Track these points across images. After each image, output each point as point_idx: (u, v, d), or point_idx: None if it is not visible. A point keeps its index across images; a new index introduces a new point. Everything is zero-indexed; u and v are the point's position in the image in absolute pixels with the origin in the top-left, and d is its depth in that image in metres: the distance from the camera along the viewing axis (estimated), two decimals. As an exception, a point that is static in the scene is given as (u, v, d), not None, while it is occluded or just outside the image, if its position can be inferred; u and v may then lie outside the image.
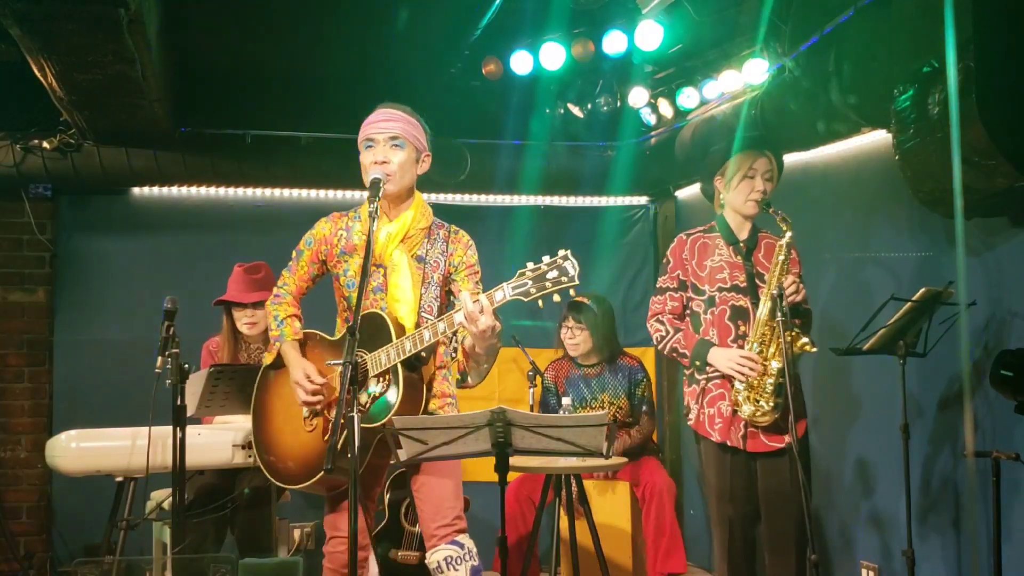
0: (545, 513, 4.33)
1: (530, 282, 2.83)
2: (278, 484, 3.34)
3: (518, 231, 6.06)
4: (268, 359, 3.36)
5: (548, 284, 2.82)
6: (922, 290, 3.74)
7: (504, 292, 2.87)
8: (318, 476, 3.10)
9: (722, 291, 3.72)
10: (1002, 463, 3.49)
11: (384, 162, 3.13)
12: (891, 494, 4.29)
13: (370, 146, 3.17)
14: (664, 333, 3.80)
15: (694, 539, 5.98)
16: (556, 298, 2.83)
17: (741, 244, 3.76)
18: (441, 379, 3.24)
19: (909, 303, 3.75)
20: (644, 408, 4.95)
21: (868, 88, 3.93)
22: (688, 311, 3.82)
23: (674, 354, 3.79)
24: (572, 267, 2.82)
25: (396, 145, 3.15)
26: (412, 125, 3.20)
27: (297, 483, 3.20)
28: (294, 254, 3.37)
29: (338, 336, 3.26)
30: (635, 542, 4.78)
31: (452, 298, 3.26)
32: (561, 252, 2.85)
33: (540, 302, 2.84)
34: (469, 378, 3.28)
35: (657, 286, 3.89)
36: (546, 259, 2.85)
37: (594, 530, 4.08)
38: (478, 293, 2.97)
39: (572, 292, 2.83)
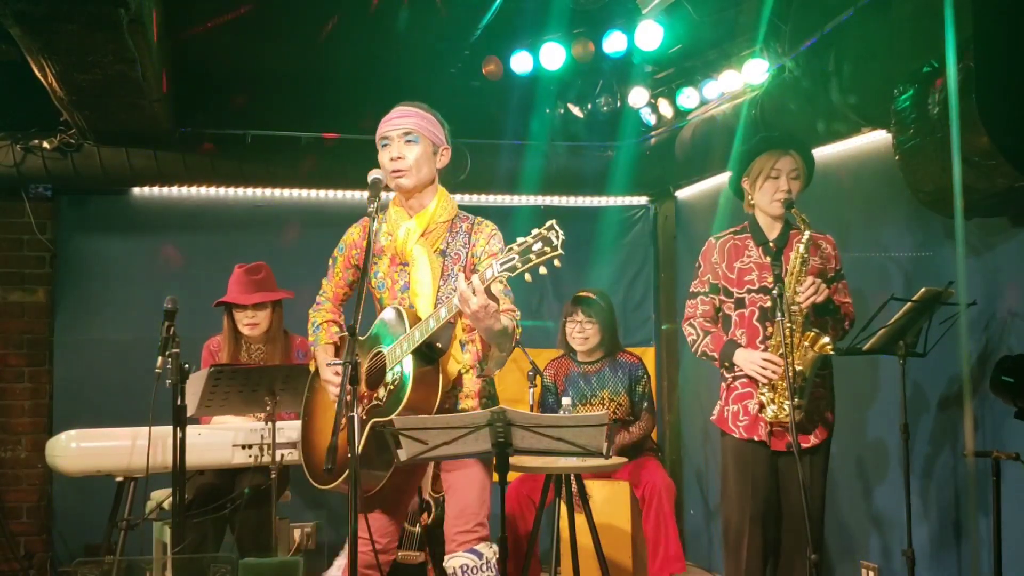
0: (545, 513, 4.32)
1: (516, 256, 2.81)
2: (319, 487, 3.33)
3: (518, 231, 5.96)
4: (312, 366, 3.40)
5: (533, 256, 2.78)
6: (922, 290, 3.74)
7: (493, 269, 2.85)
8: (344, 476, 3.08)
9: (751, 292, 3.72)
10: (1002, 463, 3.49)
11: (399, 158, 3.16)
12: (891, 494, 4.29)
13: (386, 144, 3.21)
14: (696, 336, 3.82)
15: (694, 539, 5.98)
16: (543, 270, 2.79)
17: (771, 244, 3.75)
18: (474, 377, 3.22)
19: (909, 303, 3.74)
20: (644, 405, 4.95)
21: (868, 88, 3.93)
22: (721, 313, 3.83)
23: (704, 357, 3.81)
24: (556, 236, 2.77)
25: (410, 140, 3.18)
26: (427, 120, 3.23)
27: (331, 484, 3.20)
28: (330, 262, 3.41)
29: (365, 336, 3.27)
30: (635, 542, 4.77)
31: None
32: (547, 223, 2.81)
33: (528, 275, 2.79)
34: (486, 366, 3.26)
35: (689, 291, 3.90)
36: (533, 231, 2.82)
37: (594, 530, 4.07)
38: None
39: (557, 263, 2.78)
